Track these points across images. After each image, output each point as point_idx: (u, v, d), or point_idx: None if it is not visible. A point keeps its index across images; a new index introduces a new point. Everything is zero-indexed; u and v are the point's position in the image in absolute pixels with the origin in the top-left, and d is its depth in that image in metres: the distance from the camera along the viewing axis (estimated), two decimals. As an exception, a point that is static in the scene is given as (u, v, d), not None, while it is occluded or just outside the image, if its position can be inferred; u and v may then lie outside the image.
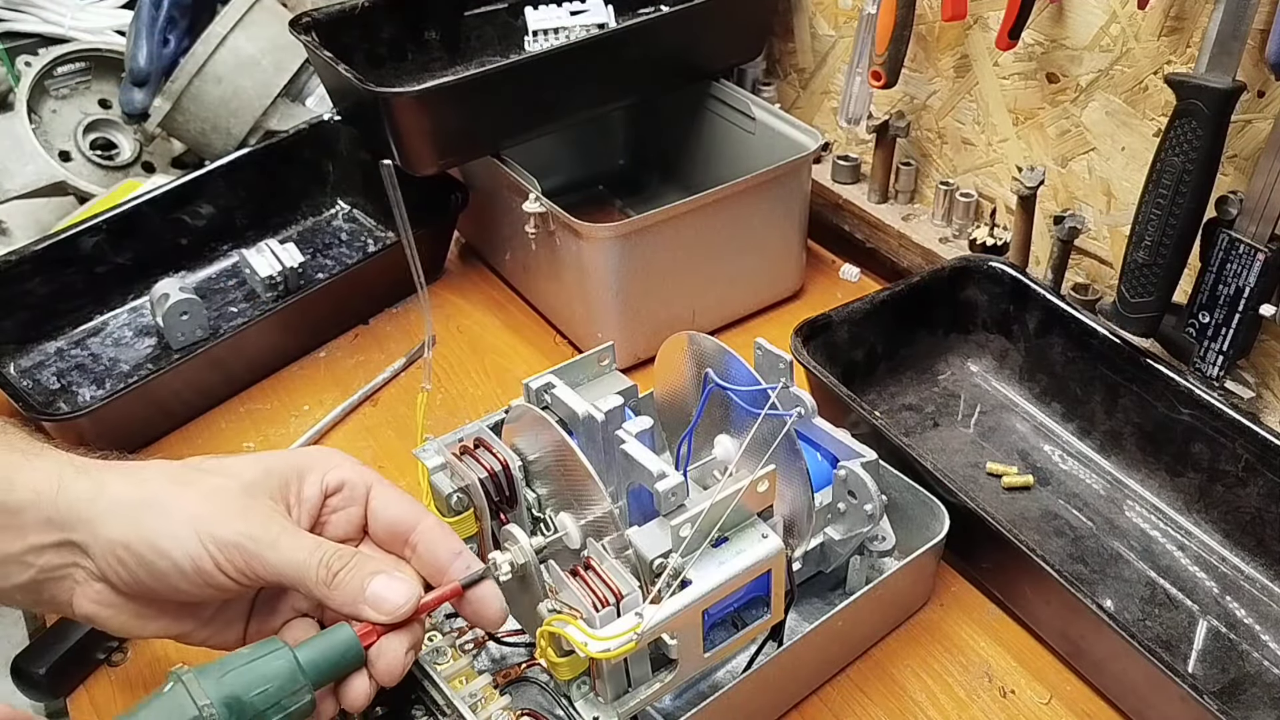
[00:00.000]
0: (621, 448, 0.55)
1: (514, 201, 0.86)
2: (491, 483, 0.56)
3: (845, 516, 0.62)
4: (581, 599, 0.50)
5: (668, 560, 0.51)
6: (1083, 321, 0.77)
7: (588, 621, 0.49)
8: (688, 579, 0.51)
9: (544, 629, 0.50)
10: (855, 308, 0.80)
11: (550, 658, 0.51)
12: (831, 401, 0.71)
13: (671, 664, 0.53)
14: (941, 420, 0.82)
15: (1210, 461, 0.70)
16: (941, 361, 0.86)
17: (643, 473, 0.53)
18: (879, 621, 0.66)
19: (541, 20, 0.96)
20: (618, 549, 0.53)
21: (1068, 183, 0.85)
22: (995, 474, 0.77)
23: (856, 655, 0.65)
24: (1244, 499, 0.69)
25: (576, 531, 0.56)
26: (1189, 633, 0.65)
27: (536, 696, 0.59)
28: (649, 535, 0.51)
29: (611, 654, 0.48)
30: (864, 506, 0.60)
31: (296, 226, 1.04)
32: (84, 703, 0.64)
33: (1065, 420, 0.80)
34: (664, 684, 0.53)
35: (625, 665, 0.51)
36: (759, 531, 0.54)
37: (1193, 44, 0.71)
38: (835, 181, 1.02)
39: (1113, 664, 0.60)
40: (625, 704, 0.52)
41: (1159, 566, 0.70)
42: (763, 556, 0.53)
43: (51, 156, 1.15)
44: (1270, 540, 0.68)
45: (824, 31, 1.03)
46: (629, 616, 0.49)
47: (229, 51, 1.06)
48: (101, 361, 0.90)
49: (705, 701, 0.54)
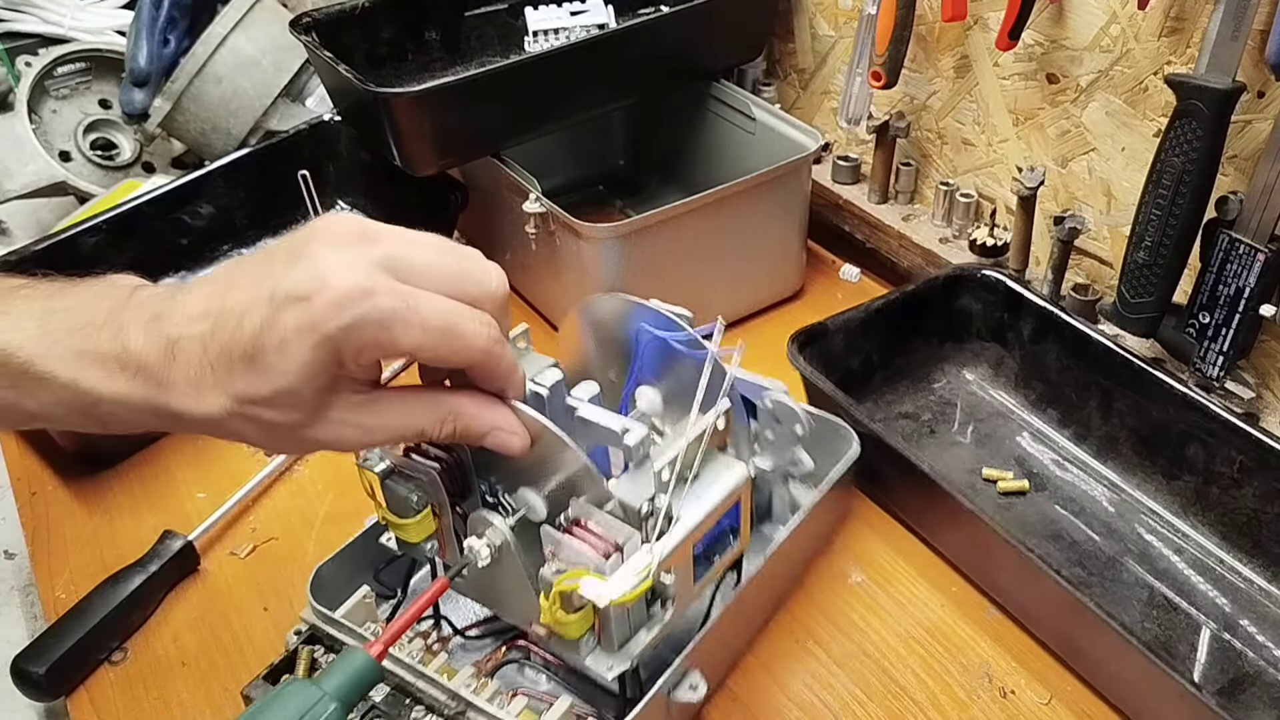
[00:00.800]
0: (577, 415, 0.56)
1: (514, 201, 0.86)
2: (446, 475, 0.56)
3: (773, 444, 0.66)
4: (585, 553, 0.51)
5: (653, 504, 0.52)
6: (1077, 328, 0.77)
7: (597, 572, 0.51)
8: (676, 516, 0.53)
9: (555, 589, 0.51)
10: (851, 316, 0.80)
11: (560, 618, 0.51)
12: (829, 409, 0.71)
13: (665, 603, 0.54)
14: (938, 428, 0.82)
15: (1206, 464, 0.70)
16: (937, 370, 0.86)
17: (604, 433, 0.55)
18: (809, 546, 0.71)
19: (541, 20, 0.96)
20: (597, 504, 0.54)
21: (1068, 183, 0.85)
22: (991, 479, 0.77)
23: (793, 584, 0.69)
24: (1240, 500, 0.69)
25: (540, 503, 0.56)
26: (1189, 635, 0.65)
27: (516, 677, 0.61)
28: (630, 484, 0.53)
29: (630, 596, 0.50)
30: (793, 428, 0.64)
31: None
32: (84, 703, 0.64)
33: (1061, 426, 0.80)
34: (664, 623, 0.54)
35: (627, 612, 0.53)
36: (724, 463, 0.56)
37: (1193, 44, 0.71)
38: (835, 182, 1.02)
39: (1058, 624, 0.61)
40: (634, 648, 0.53)
41: (1157, 570, 0.70)
42: (735, 485, 0.55)
43: (51, 157, 1.15)
44: (1267, 541, 0.68)
45: (824, 32, 1.03)
46: (637, 558, 0.51)
47: (229, 51, 1.06)
48: (101, 361, 0.89)
49: (693, 641, 0.57)
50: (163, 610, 0.70)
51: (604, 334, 0.63)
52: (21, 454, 0.83)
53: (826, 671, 0.64)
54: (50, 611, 0.69)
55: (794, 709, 0.62)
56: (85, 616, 0.66)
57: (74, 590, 0.69)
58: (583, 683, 0.60)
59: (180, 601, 0.70)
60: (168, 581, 0.70)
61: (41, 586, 0.72)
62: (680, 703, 0.56)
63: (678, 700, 0.56)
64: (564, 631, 0.52)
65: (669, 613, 0.54)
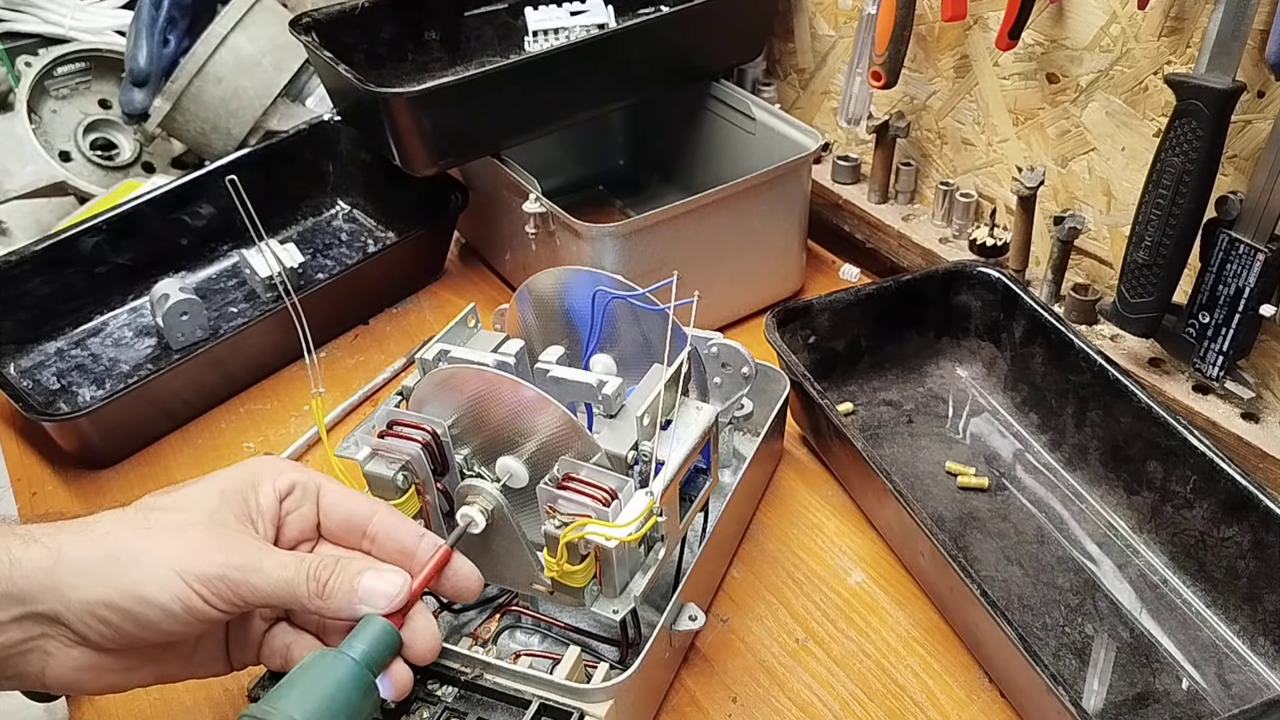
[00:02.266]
0: (550, 375, 0.60)
1: (514, 201, 0.86)
2: (427, 452, 0.58)
3: (721, 388, 0.70)
4: (585, 504, 0.53)
5: (638, 451, 0.56)
6: (1061, 332, 0.77)
7: (599, 519, 0.53)
8: (661, 460, 0.56)
9: (563, 541, 0.52)
10: (838, 297, 0.81)
11: (565, 569, 0.53)
12: (794, 382, 0.74)
13: (656, 544, 0.57)
14: (917, 419, 0.82)
15: (1163, 482, 0.70)
16: (931, 363, 0.86)
17: (580, 389, 0.59)
18: (758, 482, 0.76)
19: (541, 20, 0.96)
20: (582, 459, 0.56)
21: (1068, 183, 0.85)
22: (953, 473, 0.77)
23: (749, 522, 0.75)
24: (1190, 521, 0.68)
25: (521, 468, 0.58)
26: (1107, 644, 0.65)
27: (509, 643, 0.63)
28: (612, 434, 0.57)
29: (637, 535, 0.52)
30: (741, 370, 0.70)
31: (296, 227, 1.04)
32: (84, 703, 0.64)
33: (1040, 431, 0.80)
34: (659, 561, 0.57)
35: (626, 557, 0.55)
36: (692, 406, 0.59)
37: (1193, 44, 0.71)
38: (835, 182, 1.02)
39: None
40: (635, 589, 0.55)
41: (1095, 579, 0.69)
42: (707, 424, 0.59)
43: (51, 157, 1.15)
44: (1210, 565, 0.67)
45: (824, 32, 1.03)
46: (637, 500, 0.53)
47: (229, 52, 1.07)
48: (101, 361, 0.90)
49: (681, 582, 0.60)
50: (163, 610, 0.70)
51: (546, 310, 0.67)
52: (21, 454, 0.83)
53: (826, 671, 0.65)
54: (50, 611, 0.69)
55: (794, 709, 0.63)
56: (85, 616, 0.65)
57: (74, 590, 0.69)
58: (575, 635, 0.62)
59: (180, 601, 0.70)
60: (168, 581, 0.70)
61: (42, 586, 0.72)
62: (682, 632, 0.60)
63: (679, 630, 0.60)
64: (571, 581, 0.54)
65: (663, 550, 0.57)
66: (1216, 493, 0.66)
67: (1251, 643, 0.64)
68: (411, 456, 0.57)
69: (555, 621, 0.63)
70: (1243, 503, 0.64)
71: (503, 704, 0.55)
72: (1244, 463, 0.67)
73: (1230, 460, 0.65)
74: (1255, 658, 0.63)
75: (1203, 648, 0.65)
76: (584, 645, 0.61)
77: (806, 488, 0.78)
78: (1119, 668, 0.64)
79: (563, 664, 0.56)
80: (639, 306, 0.63)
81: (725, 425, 0.72)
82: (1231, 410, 0.74)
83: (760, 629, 0.67)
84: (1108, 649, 0.65)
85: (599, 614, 0.56)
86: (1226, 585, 0.66)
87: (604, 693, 0.54)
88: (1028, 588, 0.69)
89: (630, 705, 0.57)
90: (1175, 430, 0.68)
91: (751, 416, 0.72)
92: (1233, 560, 0.65)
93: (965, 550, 0.71)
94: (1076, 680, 0.63)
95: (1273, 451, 0.71)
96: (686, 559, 0.63)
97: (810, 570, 0.71)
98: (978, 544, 0.72)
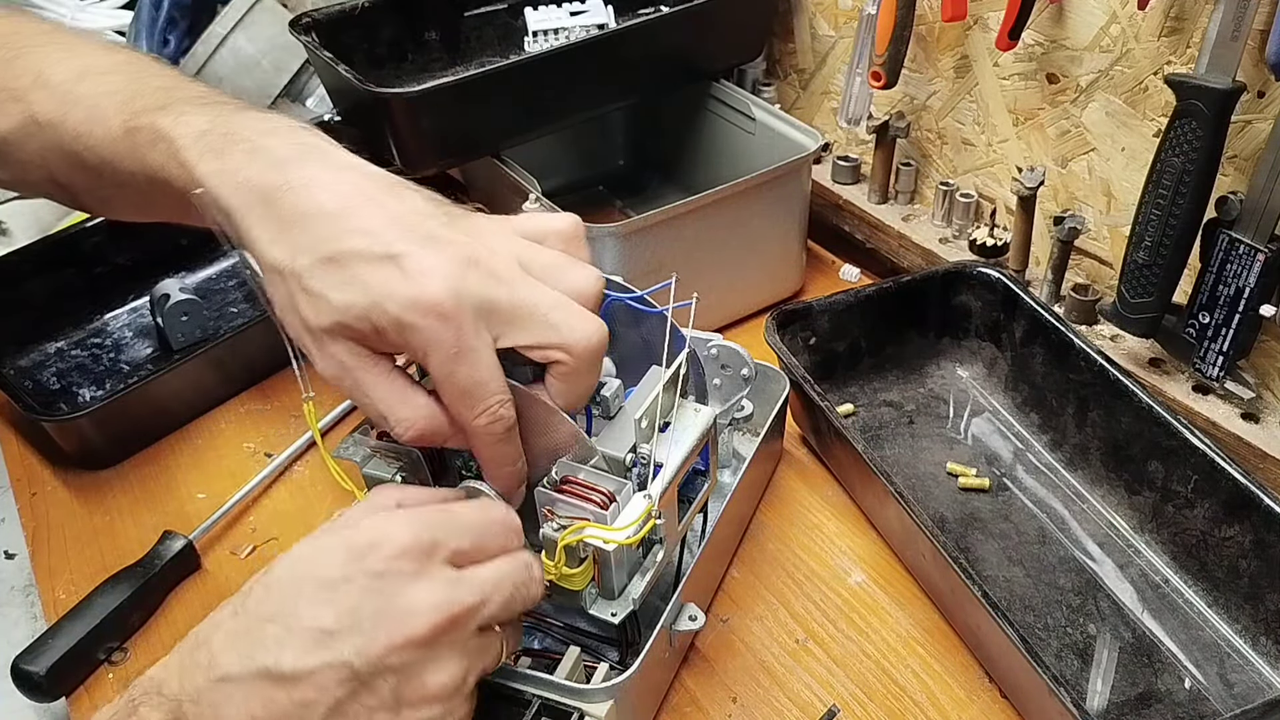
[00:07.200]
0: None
1: (514, 201, 0.86)
2: (425, 453, 0.58)
3: (721, 389, 0.71)
4: (583, 507, 0.53)
5: (636, 454, 0.55)
6: (1061, 332, 0.77)
7: (598, 523, 0.53)
8: (659, 462, 0.56)
9: (561, 544, 0.52)
10: (838, 298, 0.81)
11: (563, 572, 0.53)
12: (794, 383, 0.74)
13: (655, 547, 0.57)
14: (919, 419, 0.82)
15: (1164, 481, 0.70)
16: (932, 364, 0.86)
17: None
18: (758, 482, 0.76)
19: (541, 21, 0.96)
20: (581, 462, 0.56)
21: (1068, 183, 0.85)
22: (954, 474, 0.77)
23: (749, 522, 0.75)
24: (1191, 521, 0.68)
25: None
26: (1109, 644, 0.65)
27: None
28: (611, 437, 0.56)
29: (636, 538, 0.52)
30: (741, 371, 0.70)
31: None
32: (84, 703, 0.64)
33: (1041, 432, 0.80)
34: (658, 562, 0.57)
35: (625, 560, 0.55)
36: (691, 408, 0.59)
37: (1193, 44, 0.71)
38: (835, 182, 1.02)
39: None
40: (633, 591, 0.56)
41: (1096, 579, 0.69)
42: (705, 426, 0.59)
43: (51, 157, 1.15)
44: (1212, 565, 0.67)
45: (824, 32, 1.03)
46: (635, 503, 0.54)
47: (229, 52, 1.06)
48: (101, 361, 0.90)
49: (681, 582, 0.61)
50: (163, 611, 0.70)
51: None
52: (22, 454, 0.83)
53: (826, 671, 0.65)
54: (50, 612, 0.69)
55: (794, 709, 0.62)
56: (85, 617, 0.66)
57: (74, 590, 0.70)
58: (575, 636, 0.62)
59: (181, 602, 0.70)
60: (168, 582, 0.70)
61: (42, 587, 0.72)
62: (681, 632, 0.60)
63: (679, 630, 0.60)
64: (569, 584, 0.54)
65: (662, 553, 0.57)
66: (1217, 492, 0.66)
67: (1254, 642, 0.64)
68: (414, 456, 0.57)
69: (555, 621, 0.63)
70: (1244, 502, 0.64)
71: (502, 704, 0.55)
72: (1244, 463, 0.67)
73: (1231, 460, 0.65)
74: (1257, 657, 0.63)
75: (1205, 647, 0.65)
76: (584, 645, 0.61)
77: (806, 488, 0.78)
78: (1121, 668, 0.64)
79: (563, 664, 0.56)
80: (637, 309, 0.63)
81: (724, 426, 0.72)
82: (1231, 410, 0.74)
83: (760, 629, 0.67)
84: (1110, 649, 0.65)
85: (598, 617, 0.56)
86: (1228, 585, 0.66)
87: (604, 693, 0.54)
88: (1029, 588, 0.69)
89: (630, 705, 0.57)
90: (1176, 430, 0.68)
91: (751, 417, 0.72)
92: (1234, 560, 0.65)
93: (967, 551, 0.71)
94: (1079, 681, 0.63)
95: (1273, 452, 0.71)
96: (686, 559, 0.63)
97: (810, 570, 0.71)
98: (979, 545, 0.72)
